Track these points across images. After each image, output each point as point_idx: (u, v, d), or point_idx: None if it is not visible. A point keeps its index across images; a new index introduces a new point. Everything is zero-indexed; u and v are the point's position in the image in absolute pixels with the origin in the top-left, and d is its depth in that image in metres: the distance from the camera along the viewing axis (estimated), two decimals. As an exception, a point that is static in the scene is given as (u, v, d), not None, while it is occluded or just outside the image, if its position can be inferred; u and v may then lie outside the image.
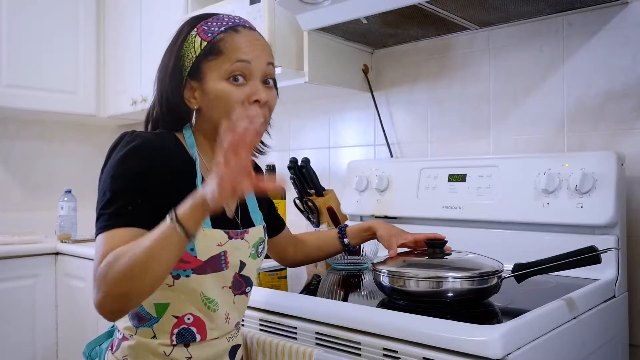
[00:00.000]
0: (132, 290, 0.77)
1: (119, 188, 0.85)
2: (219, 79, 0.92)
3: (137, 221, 0.83)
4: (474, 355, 0.84)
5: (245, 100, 0.92)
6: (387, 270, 1.06)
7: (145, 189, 0.85)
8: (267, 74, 0.95)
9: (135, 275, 0.76)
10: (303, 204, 1.89)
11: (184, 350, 0.92)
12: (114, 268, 0.76)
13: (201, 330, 0.93)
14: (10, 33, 2.40)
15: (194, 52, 0.93)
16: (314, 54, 1.77)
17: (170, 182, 0.88)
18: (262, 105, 0.93)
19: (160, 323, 0.91)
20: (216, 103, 0.92)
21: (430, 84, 1.86)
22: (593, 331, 1.15)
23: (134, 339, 0.92)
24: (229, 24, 0.94)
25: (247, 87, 0.92)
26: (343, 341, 1.00)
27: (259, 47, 0.94)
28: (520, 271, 1.05)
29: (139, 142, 0.88)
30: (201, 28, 0.94)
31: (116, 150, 0.89)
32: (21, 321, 2.23)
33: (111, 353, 0.96)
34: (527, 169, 1.44)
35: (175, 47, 0.95)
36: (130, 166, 0.86)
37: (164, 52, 0.98)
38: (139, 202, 0.84)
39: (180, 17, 2.13)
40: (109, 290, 0.77)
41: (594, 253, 1.03)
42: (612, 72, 1.47)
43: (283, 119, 2.31)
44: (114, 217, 0.83)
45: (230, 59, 0.91)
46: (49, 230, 2.60)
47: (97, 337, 1.05)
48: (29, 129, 2.80)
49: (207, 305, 0.93)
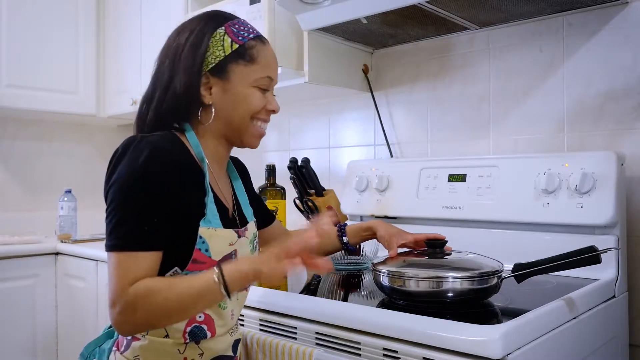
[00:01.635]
0: (159, 325, 0.88)
1: (133, 206, 0.85)
2: (248, 84, 0.97)
3: (154, 244, 0.86)
4: (474, 355, 0.84)
5: (263, 108, 1.00)
6: (387, 270, 1.06)
7: (160, 207, 0.86)
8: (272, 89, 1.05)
9: (169, 315, 0.84)
10: (303, 204, 1.89)
11: (196, 347, 0.94)
12: (147, 302, 0.81)
13: (211, 327, 0.95)
14: (10, 33, 2.39)
15: (222, 51, 0.94)
16: (314, 54, 1.77)
17: (182, 189, 0.89)
18: (272, 114, 1.03)
19: None
20: (237, 104, 0.97)
21: (430, 84, 1.86)
22: (593, 331, 1.15)
23: (146, 339, 0.93)
24: (254, 32, 1.00)
25: (266, 96, 1.00)
26: (343, 341, 1.01)
27: (276, 66, 1.04)
28: (520, 271, 1.05)
29: (151, 154, 0.86)
30: (230, 29, 0.96)
31: (126, 159, 0.87)
32: (21, 321, 2.23)
33: (119, 353, 0.95)
34: (527, 169, 1.44)
35: (203, 39, 0.94)
36: (144, 184, 0.85)
37: (178, 40, 0.96)
38: (155, 221, 0.85)
39: (180, 17, 2.13)
40: (136, 319, 0.82)
41: (594, 253, 1.03)
42: (612, 72, 1.48)
43: (283, 119, 2.32)
44: (130, 237, 0.84)
45: (262, 72, 0.98)
46: (49, 230, 2.60)
47: (96, 338, 1.05)
48: (29, 129, 2.80)
49: (219, 304, 0.95)
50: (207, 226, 0.90)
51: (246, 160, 1.24)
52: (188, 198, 0.90)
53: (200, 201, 0.91)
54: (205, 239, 0.89)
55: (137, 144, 0.88)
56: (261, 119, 1.01)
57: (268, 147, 2.39)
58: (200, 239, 0.89)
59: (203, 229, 0.89)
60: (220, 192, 1.00)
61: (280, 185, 1.87)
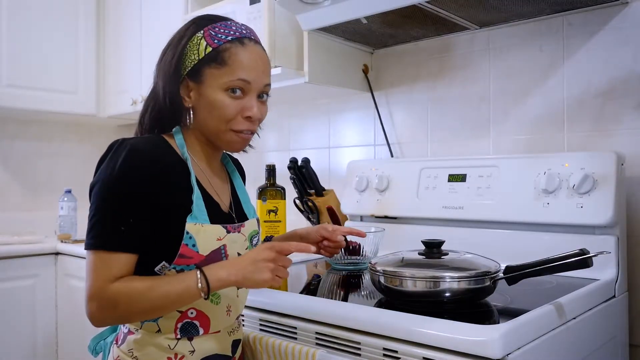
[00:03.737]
0: (133, 321, 0.92)
1: (110, 207, 0.88)
2: (218, 88, 0.94)
3: (129, 245, 0.88)
4: (474, 355, 0.84)
5: (239, 113, 0.95)
6: (383, 270, 1.07)
7: (137, 207, 0.88)
8: (263, 92, 0.99)
9: (146, 313, 0.88)
10: (303, 204, 1.89)
11: (188, 344, 0.95)
12: (128, 301, 0.85)
13: (204, 324, 0.96)
14: (10, 33, 2.39)
15: (197, 55, 0.95)
16: (314, 54, 1.77)
17: (164, 188, 0.91)
18: (252, 121, 0.97)
19: (165, 317, 0.93)
20: (210, 110, 0.95)
21: (430, 84, 1.86)
22: (593, 331, 1.15)
23: (139, 333, 0.95)
24: (235, 34, 0.96)
25: (243, 100, 0.96)
26: (343, 341, 1.01)
27: (260, 67, 0.97)
28: (510, 273, 1.04)
29: (128, 155, 0.89)
30: (208, 32, 0.96)
31: (106, 161, 0.90)
32: (21, 321, 2.23)
33: (117, 347, 0.98)
34: (527, 169, 1.44)
35: (180, 44, 0.97)
36: (120, 186, 0.88)
37: (167, 46, 0.99)
38: (131, 221, 0.87)
39: (180, 17, 2.13)
40: (114, 315, 0.87)
41: (585, 257, 0.99)
42: (612, 72, 1.47)
43: (283, 119, 2.32)
44: (106, 237, 0.87)
45: (233, 74, 0.94)
46: (49, 230, 2.60)
47: (101, 331, 1.07)
48: (29, 129, 2.80)
49: (210, 299, 0.95)
50: (194, 222, 0.91)
51: (246, 160, 1.24)
52: (172, 196, 0.91)
53: (185, 198, 0.93)
54: (192, 235, 0.90)
55: (118, 147, 0.91)
56: (236, 130, 0.96)
57: (268, 147, 2.39)
58: (187, 234, 0.90)
59: (190, 225, 0.90)
60: (211, 189, 1.00)
61: (280, 185, 1.87)
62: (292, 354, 1.03)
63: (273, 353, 1.06)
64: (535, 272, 1.02)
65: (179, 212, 0.91)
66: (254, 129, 0.99)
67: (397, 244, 1.49)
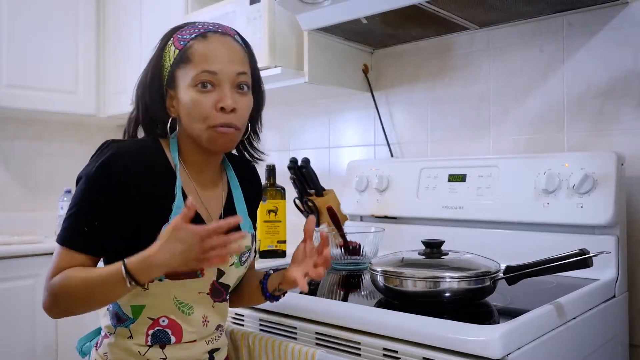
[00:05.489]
0: (74, 311, 0.90)
1: (80, 206, 0.89)
2: (188, 86, 0.92)
3: (90, 247, 0.88)
4: (474, 355, 0.84)
5: (214, 107, 0.91)
6: (383, 270, 1.06)
7: (106, 212, 0.88)
8: (239, 82, 0.94)
9: (82, 303, 0.87)
10: (303, 204, 1.89)
11: (159, 352, 0.93)
12: (65, 290, 0.85)
13: (176, 333, 0.94)
14: (10, 33, 2.39)
15: (169, 62, 0.95)
16: (314, 54, 1.77)
17: (141, 195, 0.90)
18: (229, 112, 0.92)
19: (137, 324, 0.93)
20: (188, 112, 0.93)
21: (430, 84, 1.86)
22: (593, 331, 1.15)
23: (113, 337, 0.95)
24: (200, 30, 0.95)
25: (214, 93, 0.92)
26: (343, 341, 1.01)
27: (226, 56, 0.93)
28: (510, 273, 1.04)
29: (109, 158, 0.88)
30: (176, 37, 0.96)
31: (89, 160, 0.91)
32: (21, 321, 2.22)
33: (95, 350, 1.00)
34: (527, 169, 1.44)
35: (155, 57, 0.98)
36: (93, 187, 0.88)
37: (147, 63, 1.01)
38: (95, 224, 0.87)
39: (180, 17, 2.13)
40: (58, 305, 0.88)
41: (585, 257, 0.99)
42: (612, 72, 1.47)
43: (283, 119, 2.31)
44: (68, 235, 0.88)
45: (197, 68, 0.92)
46: (49, 230, 2.60)
47: (88, 333, 1.08)
48: (29, 129, 2.80)
49: (181, 309, 0.94)
50: None
51: (246, 160, 1.23)
52: (149, 203, 0.90)
53: (165, 206, 0.91)
54: None
55: (104, 148, 0.91)
56: (213, 126, 0.91)
57: (268, 147, 2.39)
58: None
59: None
60: (197, 198, 0.97)
61: (280, 185, 1.87)
62: (292, 353, 1.03)
63: (273, 353, 1.06)
64: (535, 272, 1.02)
65: (153, 219, 0.89)
66: (232, 123, 0.92)
67: (397, 244, 1.49)
